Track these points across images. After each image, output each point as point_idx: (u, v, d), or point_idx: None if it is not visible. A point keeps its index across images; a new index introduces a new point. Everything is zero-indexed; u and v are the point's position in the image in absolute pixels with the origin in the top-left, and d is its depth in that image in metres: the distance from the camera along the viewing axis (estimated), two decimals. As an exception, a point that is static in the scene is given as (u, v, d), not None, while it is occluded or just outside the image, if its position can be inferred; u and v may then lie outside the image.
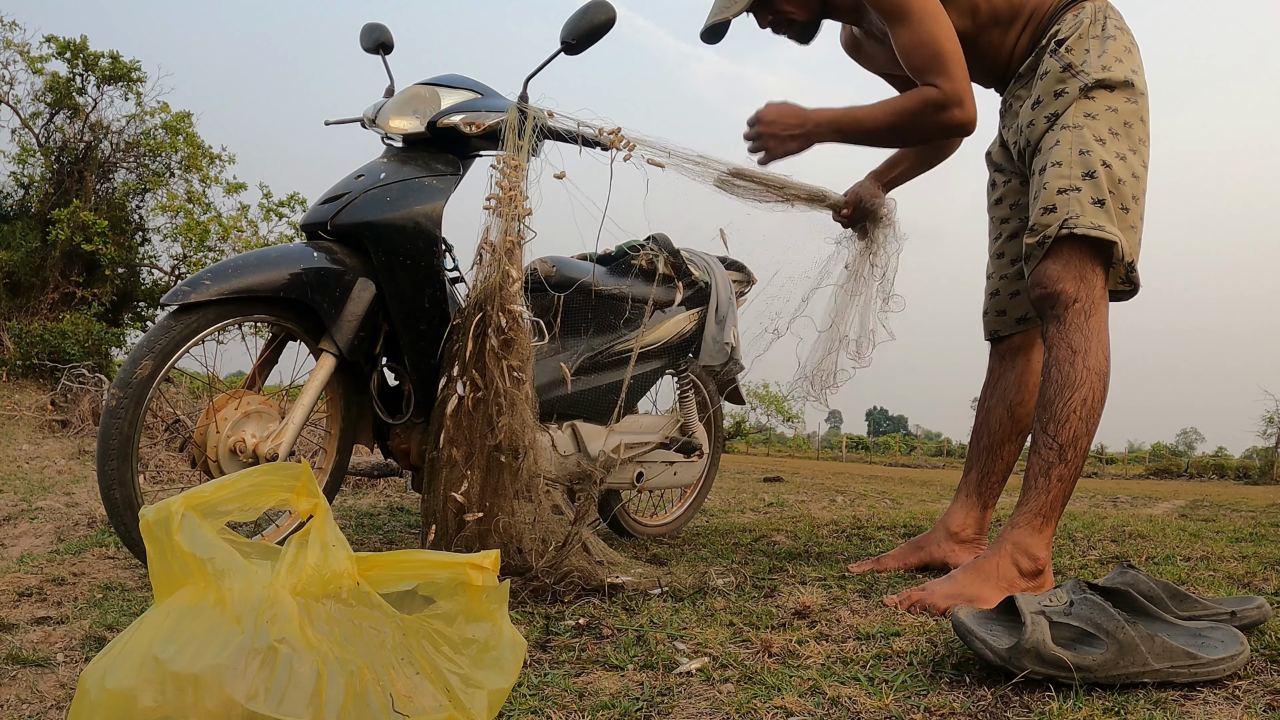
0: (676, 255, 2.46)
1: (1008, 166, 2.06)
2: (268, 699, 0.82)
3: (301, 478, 1.01)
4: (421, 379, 1.96)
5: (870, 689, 1.18)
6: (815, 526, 2.91)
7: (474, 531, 1.76)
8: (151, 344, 1.72)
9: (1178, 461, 27.53)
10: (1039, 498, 1.65)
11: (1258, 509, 4.44)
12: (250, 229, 14.62)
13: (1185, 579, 1.89)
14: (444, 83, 2.03)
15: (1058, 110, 1.78)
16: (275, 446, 1.79)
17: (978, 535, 2.09)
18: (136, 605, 1.67)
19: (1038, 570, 1.63)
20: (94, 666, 0.86)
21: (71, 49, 13.77)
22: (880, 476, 11.15)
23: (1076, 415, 1.65)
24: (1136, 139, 1.77)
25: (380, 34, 2.21)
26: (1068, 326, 1.68)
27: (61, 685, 1.22)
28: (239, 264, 1.80)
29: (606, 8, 1.90)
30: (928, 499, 5.32)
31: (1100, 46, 1.79)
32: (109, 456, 1.67)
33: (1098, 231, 1.67)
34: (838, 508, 4.16)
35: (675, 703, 1.15)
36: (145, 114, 14.45)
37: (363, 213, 1.88)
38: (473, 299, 1.84)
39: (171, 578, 0.91)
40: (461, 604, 1.01)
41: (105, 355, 12.02)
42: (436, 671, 0.95)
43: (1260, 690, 1.16)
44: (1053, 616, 1.21)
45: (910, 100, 1.86)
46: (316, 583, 0.93)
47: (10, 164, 14.14)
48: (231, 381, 2.54)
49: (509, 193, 1.85)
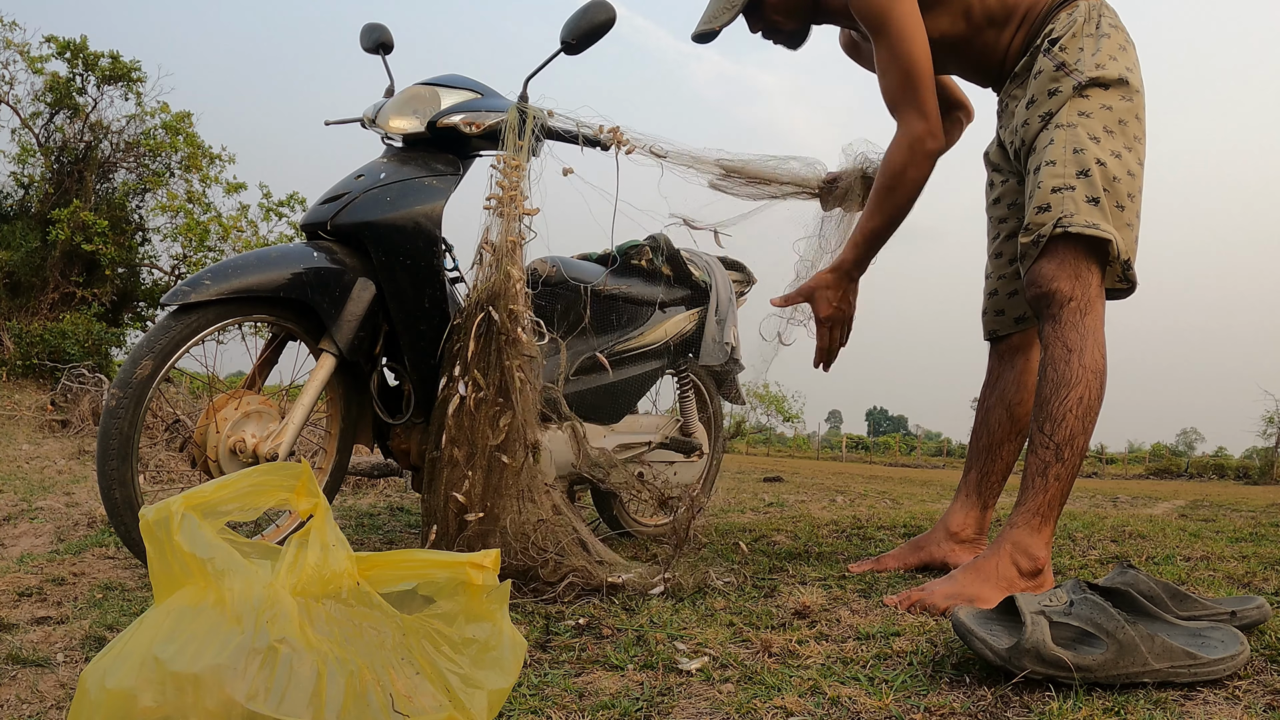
0: (676, 255, 2.46)
1: (1005, 166, 2.06)
2: (268, 699, 0.82)
3: (301, 478, 1.01)
4: (421, 379, 1.97)
5: (870, 689, 1.18)
6: (815, 526, 2.91)
7: (475, 531, 1.76)
8: (151, 344, 1.72)
9: (1178, 461, 27.54)
10: (1037, 497, 1.65)
11: (1258, 509, 4.44)
12: (250, 229, 14.64)
13: (1185, 579, 1.89)
14: (444, 83, 2.03)
15: (1052, 109, 1.78)
16: (275, 446, 1.79)
17: (978, 535, 2.09)
18: (136, 605, 1.67)
19: (1037, 570, 1.63)
20: (94, 666, 0.86)
21: (71, 49, 13.78)
22: (880, 476, 11.16)
23: (1073, 414, 1.65)
24: (1131, 136, 1.77)
25: (380, 34, 2.21)
26: (1063, 325, 1.68)
27: (61, 685, 1.22)
28: (239, 264, 1.80)
29: (606, 8, 1.90)
30: (928, 499, 5.32)
31: (1094, 45, 1.79)
32: (109, 456, 1.67)
33: (1092, 230, 1.67)
34: (838, 508, 4.16)
35: (675, 703, 1.15)
36: (145, 114, 14.47)
37: (363, 213, 1.88)
38: (474, 299, 1.84)
39: (171, 578, 0.91)
40: (462, 604, 1.01)
41: (105, 355, 12.03)
42: (436, 671, 0.95)
43: (1260, 690, 1.16)
44: (1053, 616, 1.21)
45: (889, 163, 1.88)
46: (316, 583, 0.93)
47: (10, 164, 14.16)
48: (231, 381, 2.54)
49: (509, 193, 1.85)
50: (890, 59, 1.85)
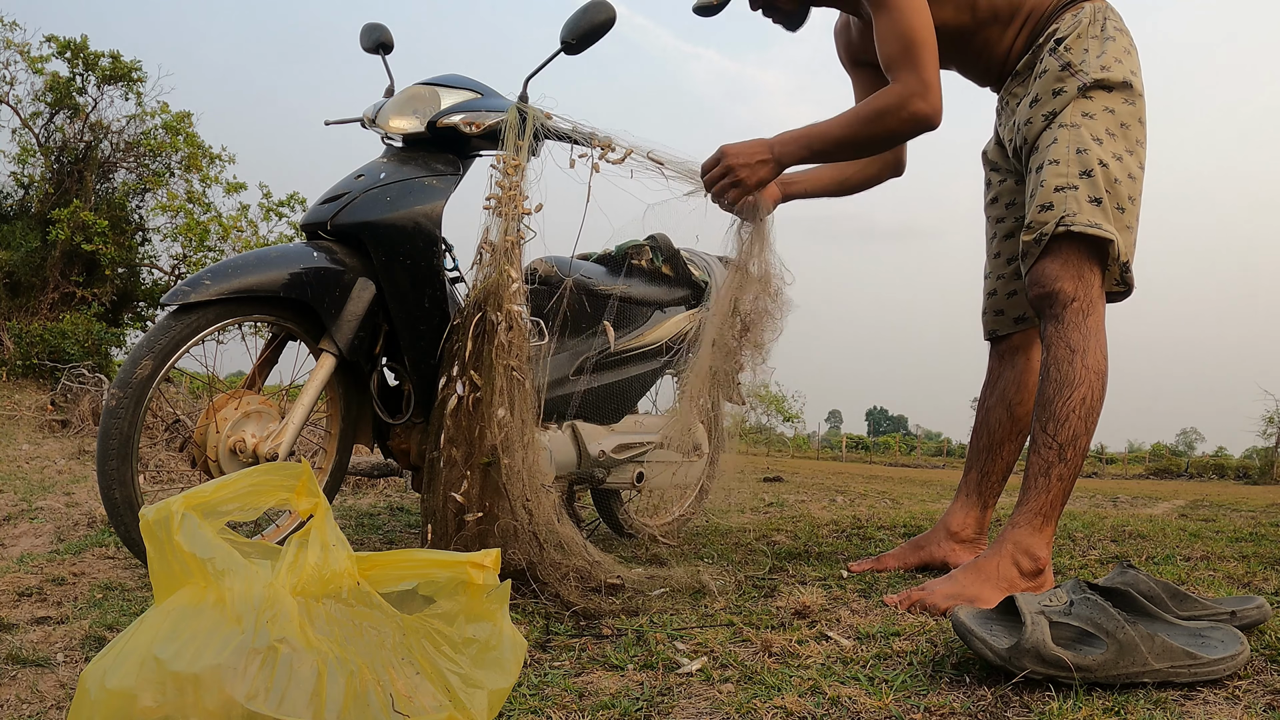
0: (676, 255, 2.46)
1: (1003, 165, 2.06)
2: (268, 699, 0.82)
3: (301, 477, 1.01)
4: (421, 379, 1.96)
5: (870, 689, 1.18)
6: (815, 526, 2.91)
7: (474, 531, 1.76)
8: (151, 344, 1.72)
9: (1178, 461, 27.55)
10: (1039, 497, 1.65)
11: (1258, 509, 4.44)
12: (250, 229, 14.63)
13: (1185, 579, 1.89)
14: (444, 82, 2.03)
15: (1056, 108, 1.78)
16: (275, 446, 1.79)
17: (978, 535, 2.09)
18: (136, 605, 1.67)
19: (1038, 570, 1.63)
20: (94, 666, 0.86)
21: (72, 49, 13.77)
22: (880, 476, 11.15)
23: (1076, 414, 1.65)
24: (1134, 140, 1.77)
25: (380, 34, 2.21)
26: (1066, 325, 1.68)
27: (61, 685, 1.22)
28: (239, 264, 1.80)
29: (606, 7, 1.90)
30: (928, 499, 5.32)
31: (1099, 47, 1.79)
32: (109, 456, 1.67)
33: (1094, 230, 1.67)
34: (838, 508, 4.16)
35: (675, 703, 1.15)
36: (145, 114, 14.47)
37: (363, 213, 1.88)
38: (472, 299, 1.84)
39: (171, 578, 0.91)
40: (462, 603, 1.01)
41: (105, 355, 12.03)
42: (437, 671, 0.95)
43: (1260, 690, 1.16)
44: (1053, 616, 1.21)
45: (875, 99, 1.84)
46: (316, 583, 0.93)
47: (10, 164, 14.16)
48: (231, 381, 2.54)
49: (509, 193, 1.85)
50: (890, 28, 1.80)
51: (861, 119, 1.84)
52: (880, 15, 1.82)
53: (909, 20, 1.79)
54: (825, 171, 2.16)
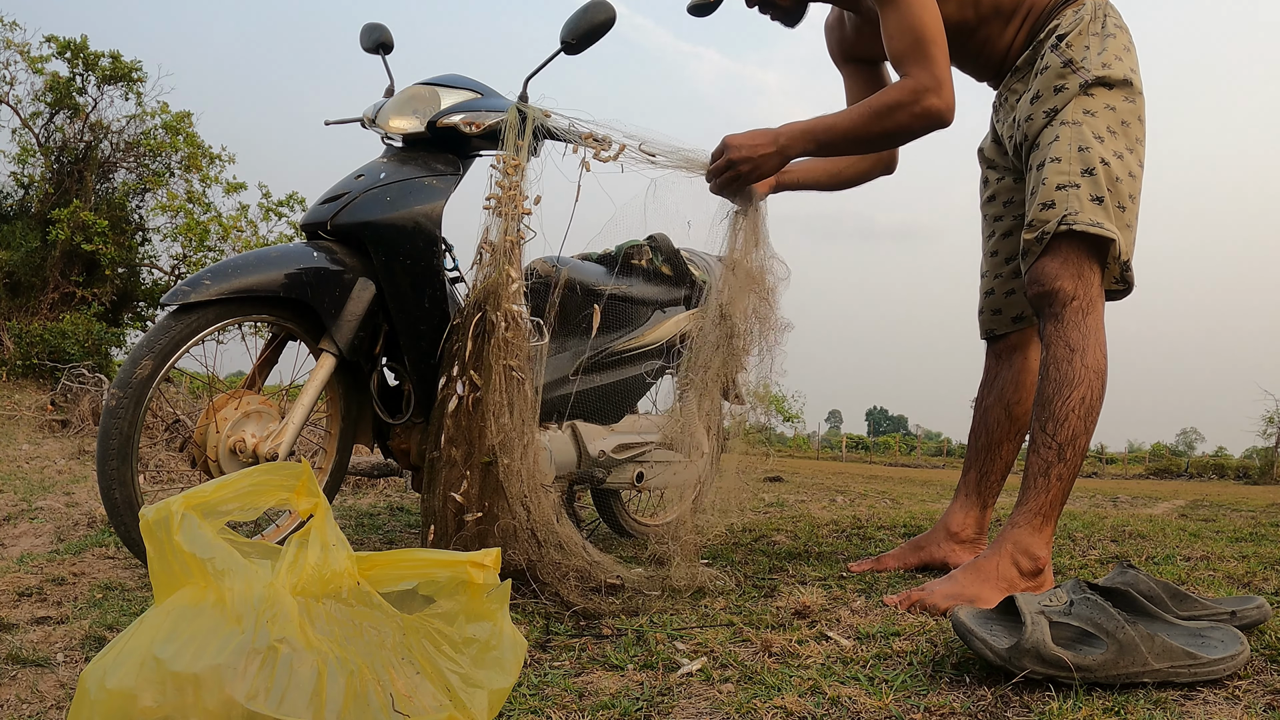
0: (676, 255, 2.46)
1: (1000, 163, 2.06)
2: (268, 699, 0.82)
3: (301, 477, 1.01)
4: (421, 379, 1.96)
5: (870, 689, 1.18)
6: (815, 526, 2.91)
7: (474, 531, 1.76)
8: (151, 344, 1.72)
9: (1178, 461, 27.53)
10: (1038, 497, 1.65)
11: (1258, 509, 4.44)
12: (250, 229, 14.64)
13: (1185, 579, 1.89)
14: (444, 82, 2.03)
15: (1057, 105, 1.78)
16: (275, 446, 1.79)
17: (978, 535, 2.08)
18: (136, 605, 1.66)
19: (1038, 570, 1.63)
20: (94, 666, 0.86)
21: (72, 49, 13.78)
22: (880, 476, 11.15)
23: (1075, 414, 1.65)
24: (1134, 138, 1.77)
25: (380, 34, 2.21)
26: (1065, 324, 1.68)
27: (61, 685, 1.22)
28: (239, 264, 1.80)
29: (606, 7, 1.90)
30: (928, 499, 5.32)
31: (1100, 44, 1.79)
32: (109, 456, 1.67)
33: (1096, 228, 1.67)
34: (838, 508, 4.16)
35: (675, 703, 1.15)
36: (145, 114, 14.48)
37: (363, 212, 1.88)
38: (472, 299, 1.84)
39: (171, 578, 0.91)
40: (462, 603, 1.01)
41: (105, 355, 12.04)
42: (437, 671, 0.95)
43: (1260, 690, 1.16)
44: (1053, 616, 1.21)
45: (886, 93, 1.82)
46: (316, 582, 0.93)
47: (10, 164, 14.18)
48: (231, 381, 2.54)
49: (509, 193, 1.85)
50: (900, 24, 1.79)
51: (873, 113, 1.82)
52: (888, 10, 1.80)
53: (919, 15, 1.77)
54: (819, 164, 2.15)
